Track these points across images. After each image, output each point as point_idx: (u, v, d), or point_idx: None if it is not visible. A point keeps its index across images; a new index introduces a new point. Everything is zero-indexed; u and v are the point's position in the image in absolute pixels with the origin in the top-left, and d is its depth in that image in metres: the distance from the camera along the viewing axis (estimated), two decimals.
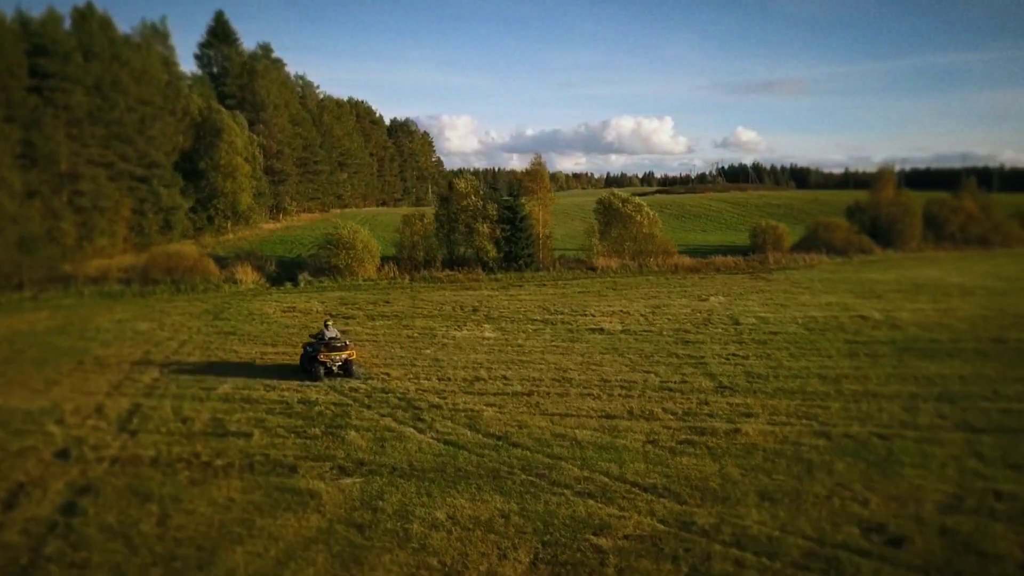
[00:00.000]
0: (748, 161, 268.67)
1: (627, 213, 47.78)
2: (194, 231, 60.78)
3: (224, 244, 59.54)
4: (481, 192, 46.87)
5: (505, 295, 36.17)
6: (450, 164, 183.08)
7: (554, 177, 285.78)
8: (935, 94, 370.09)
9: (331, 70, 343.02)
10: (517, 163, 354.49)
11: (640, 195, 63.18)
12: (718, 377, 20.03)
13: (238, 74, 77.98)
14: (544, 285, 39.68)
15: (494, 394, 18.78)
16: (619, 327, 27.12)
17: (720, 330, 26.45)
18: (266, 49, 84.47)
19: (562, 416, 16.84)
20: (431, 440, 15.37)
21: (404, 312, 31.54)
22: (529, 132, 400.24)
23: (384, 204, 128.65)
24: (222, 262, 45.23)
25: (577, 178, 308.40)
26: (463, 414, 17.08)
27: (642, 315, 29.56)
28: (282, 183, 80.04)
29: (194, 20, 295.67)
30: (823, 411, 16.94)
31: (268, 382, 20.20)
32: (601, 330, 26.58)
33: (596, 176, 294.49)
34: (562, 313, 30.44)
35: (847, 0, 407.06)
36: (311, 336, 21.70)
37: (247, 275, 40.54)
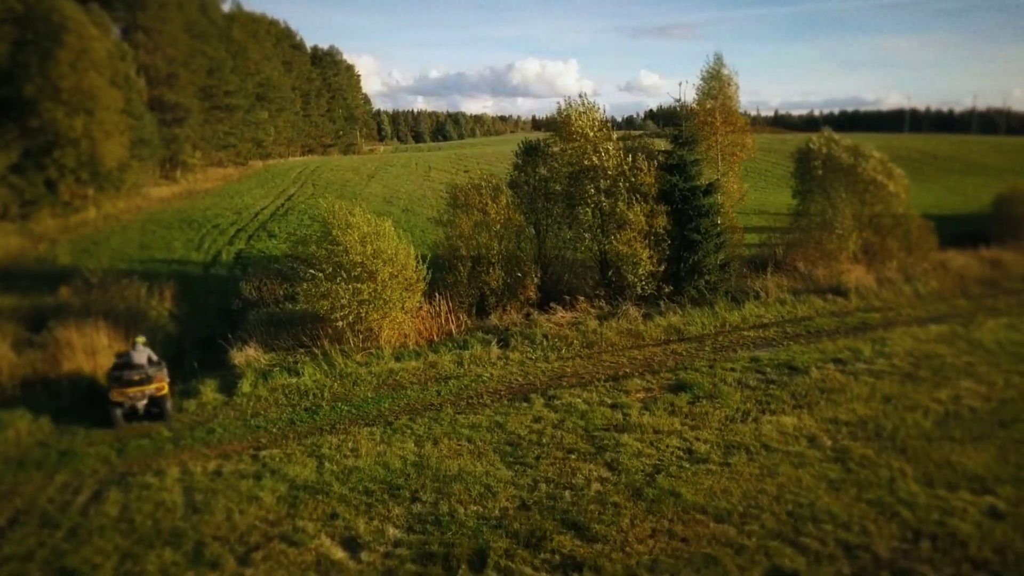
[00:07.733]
0: (652, 105, 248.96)
1: (868, 176, 24.87)
2: (20, 209, 34.20)
3: (80, 231, 33.40)
4: (622, 141, 22.27)
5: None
6: None
7: (480, 119, 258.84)
8: (823, 39, 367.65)
9: None
10: (423, 105, 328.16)
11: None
12: None
13: None
14: (842, 365, 16.20)
15: None
16: None
17: None
18: None
19: None
20: None
21: None
22: (433, 74, 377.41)
23: (311, 152, 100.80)
24: (48, 290, 20.07)
25: (504, 120, 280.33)
26: None
27: None
28: (178, 123, 52.76)
29: None
30: None
31: None
32: None
33: (522, 119, 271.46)
34: None
35: None
36: (116, 357, 14.53)
37: (101, 354, 15.36)
